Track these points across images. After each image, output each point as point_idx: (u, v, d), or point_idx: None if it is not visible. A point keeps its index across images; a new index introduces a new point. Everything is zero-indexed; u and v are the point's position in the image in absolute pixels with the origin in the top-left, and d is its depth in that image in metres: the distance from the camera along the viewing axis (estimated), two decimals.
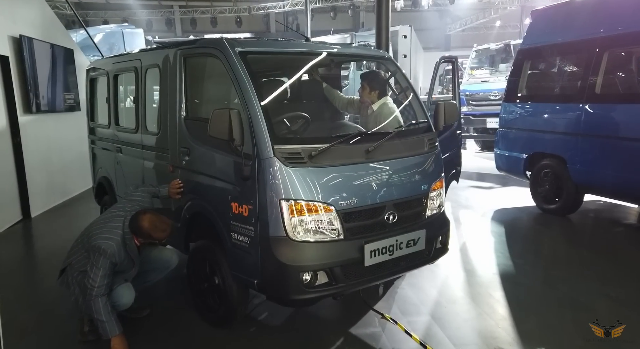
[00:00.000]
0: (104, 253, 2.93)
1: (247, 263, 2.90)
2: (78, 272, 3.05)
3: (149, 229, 3.03)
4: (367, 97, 3.93)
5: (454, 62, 4.19)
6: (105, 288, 2.93)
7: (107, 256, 2.94)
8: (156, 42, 9.60)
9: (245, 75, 2.85)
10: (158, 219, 3.08)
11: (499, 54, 12.62)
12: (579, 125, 5.53)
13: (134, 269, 3.21)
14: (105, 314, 2.89)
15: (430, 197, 3.36)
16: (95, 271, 2.91)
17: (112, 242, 2.98)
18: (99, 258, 2.93)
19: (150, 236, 3.05)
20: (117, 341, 2.93)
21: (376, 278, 3.03)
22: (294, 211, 2.73)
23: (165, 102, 3.58)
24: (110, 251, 2.95)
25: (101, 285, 2.91)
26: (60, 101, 7.49)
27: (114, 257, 2.97)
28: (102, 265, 2.92)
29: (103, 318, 2.88)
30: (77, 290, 3.06)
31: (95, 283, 2.90)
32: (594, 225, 5.98)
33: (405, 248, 3.10)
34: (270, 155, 2.72)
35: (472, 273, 4.34)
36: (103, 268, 2.92)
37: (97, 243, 2.96)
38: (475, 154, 12.71)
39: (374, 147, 3.05)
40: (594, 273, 4.31)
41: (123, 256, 3.04)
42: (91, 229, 3.12)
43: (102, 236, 3.00)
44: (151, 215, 3.10)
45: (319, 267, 2.77)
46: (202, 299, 3.39)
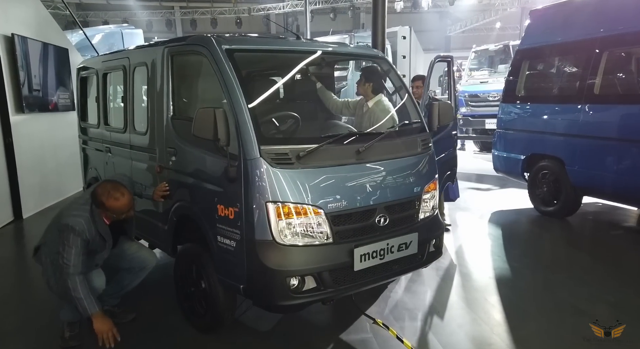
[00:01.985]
0: (73, 230, 2.84)
1: (233, 267, 2.82)
2: (53, 253, 2.95)
3: (102, 196, 2.90)
4: (363, 90, 3.88)
5: (449, 61, 4.11)
6: (80, 266, 2.84)
7: (77, 233, 2.84)
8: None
9: (231, 73, 2.76)
10: (113, 186, 2.97)
11: (498, 55, 12.56)
12: (577, 127, 5.45)
13: (106, 250, 3.10)
14: (82, 291, 2.80)
15: (423, 199, 3.27)
16: (67, 249, 2.82)
17: (80, 219, 2.89)
18: (69, 235, 2.84)
19: (104, 205, 2.91)
20: (98, 318, 2.82)
21: (366, 282, 2.94)
22: (281, 214, 2.64)
23: (153, 102, 3.51)
24: (79, 228, 2.85)
25: (76, 263, 2.82)
26: (54, 101, 7.42)
27: (84, 234, 2.87)
28: (73, 243, 2.83)
29: (81, 295, 2.79)
30: (49, 270, 2.99)
31: (70, 261, 2.81)
32: (592, 227, 5.89)
33: (397, 251, 3.02)
34: (257, 155, 2.64)
35: (467, 277, 4.25)
36: (75, 246, 2.83)
37: (66, 221, 2.87)
38: (474, 155, 12.62)
39: (365, 147, 2.97)
40: (592, 277, 4.23)
41: (93, 233, 2.94)
42: (64, 208, 3.07)
43: (72, 213, 2.93)
44: (107, 182, 3.04)
45: (306, 272, 2.68)
46: (189, 303, 3.31)
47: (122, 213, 3.00)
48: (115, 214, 2.98)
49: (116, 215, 3.00)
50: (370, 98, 3.92)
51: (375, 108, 3.86)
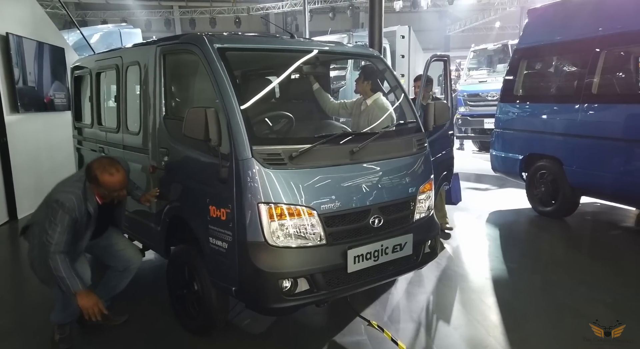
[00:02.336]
0: (62, 206, 2.75)
1: (225, 269, 2.78)
2: (41, 233, 2.84)
3: (97, 169, 2.81)
4: (362, 88, 3.87)
5: (446, 61, 4.07)
6: (64, 245, 2.74)
7: (66, 209, 2.75)
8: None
9: (223, 72, 2.73)
10: (109, 161, 2.89)
11: (496, 54, 12.52)
12: (575, 126, 5.42)
13: (89, 230, 3.00)
14: (65, 270, 2.70)
15: (418, 200, 3.24)
16: (53, 227, 2.73)
17: (71, 195, 2.80)
18: (57, 212, 2.75)
19: (98, 179, 2.81)
20: (82, 295, 2.72)
21: (360, 284, 2.90)
22: (273, 215, 2.61)
23: (145, 101, 3.47)
24: (69, 205, 2.76)
25: (60, 241, 2.73)
26: (50, 100, 7.37)
27: (73, 212, 2.77)
28: (60, 220, 2.74)
29: (63, 273, 2.70)
30: (35, 251, 2.90)
31: (53, 239, 2.71)
32: (590, 227, 5.85)
33: (391, 253, 2.98)
34: (249, 156, 2.60)
35: (464, 278, 4.21)
36: (61, 224, 2.73)
37: (56, 197, 2.78)
38: (473, 155, 12.58)
39: (359, 147, 2.93)
40: (590, 277, 4.19)
41: (83, 211, 2.84)
42: (57, 184, 2.97)
43: (64, 189, 2.85)
44: (104, 158, 2.98)
45: (299, 274, 2.65)
46: (181, 306, 3.27)
47: (115, 190, 2.89)
48: (108, 191, 2.87)
49: (108, 192, 2.89)
50: (368, 96, 3.92)
51: (374, 106, 3.85)
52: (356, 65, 10.71)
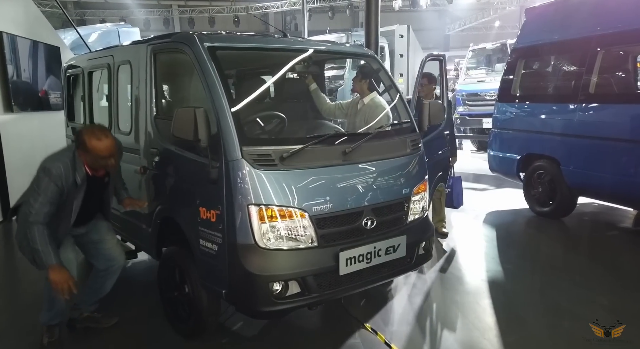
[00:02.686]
0: (49, 173, 2.65)
1: (215, 271, 2.74)
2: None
3: (86, 134, 2.71)
4: (359, 87, 3.87)
5: (442, 60, 4.03)
6: (44, 216, 2.66)
7: (52, 177, 2.65)
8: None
9: (213, 72, 2.68)
10: (100, 128, 2.81)
11: (495, 53, 12.49)
12: (572, 126, 5.38)
13: (75, 207, 2.84)
14: (40, 242, 2.62)
15: (412, 201, 3.20)
16: (35, 196, 2.65)
17: (59, 163, 2.70)
18: (42, 180, 2.66)
19: (86, 145, 2.69)
20: (55, 269, 2.63)
21: (353, 287, 2.87)
22: (263, 216, 2.57)
23: (136, 101, 3.43)
24: (56, 172, 2.66)
25: (40, 211, 2.64)
26: (45, 100, 7.32)
27: (59, 180, 2.67)
28: (44, 189, 2.65)
29: (38, 245, 2.62)
30: (22, 231, 2.81)
31: (34, 208, 2.63)
32: (588, 228, 5.82)
33: (384, 255, 2.95)
34: (238, 157, 2.56)
35: (459, 280, 4.17)
36: (44, 194, 2.65)
37: (44, 164, 2.70)
38: (472, 154, 12.54)
39: (352, 148, 2.89)
40: (586, 279, 4.15)
41: (70, 182, 2.73)
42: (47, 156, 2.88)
43: (52, 157, 2.76)
44: (95, 125, 2.94)
45: (290, 276, 2.61)
46: (172, 308, 3.23)
47: (103, 156, 2.76)
48: (96, 157, 2.75)
49: (96, 159, 2.77)
50: (365, 95, 3.89)
51: (371, 105, 3.82)
52: (354, 65, 10.68)
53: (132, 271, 4.45)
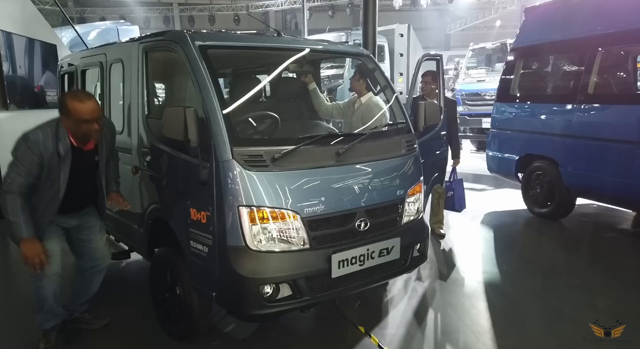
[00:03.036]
0: (26, 140, 2.53)
1: (205, 273, 2.70)
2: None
3: (68, 96, 2.58)
4: (357, 86, 3.86)
5: (438, 60, 3.99)
6: (19, 187, 2.56)
7: (29, 143, 2.52)
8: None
9: (204, 70, 2.64)
10: (83, 91, 2.76)
11: (495, 53, 12.43)
12: (571, 127, 5.33)
13: (59, 183, 2.65)
14: (13, 213, 2.53)
15: (407, 202, 3.15)
16: (12, 165, 2.55)
17: (39, 130, 2.58)
18: (20, 148, 2.54)
19: (67, 108, 2.56)
20: (27, 243, 2.55)
21: (345, 290, 2.82)
22: (254, 218, 2.53)
23: (128, 100, 3.39)
24: (34, 138, 2.53)
25: (15, 180, 2.54)
26: (41, 98, 7.29)
27: (36, 146, 2.53)
28: (21, 158, 2.54)
29: (11, 216, 2.53)
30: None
31: (9, 177, 2.54)
32: (586, 230, 5.77)
33: (378, 257, 2.90)
34: (229, 157, 2.52)
35: (456, 282, 4.13)
36: (21, 162, 2.54)
37: (25, 133, 2.59)
38: (471, 154, 12.49)
39: (345, 149, 2.85)
40: (583, 282, 4.11)
41: (51, 150, 2.58)
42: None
43: (35, 127, 2.63)
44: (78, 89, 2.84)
45: (281, 279, 2.57)
46: (164, 310, 3.19)
47: (86, 120, 2.58)
48: (78, 122, 2.57)
49: (79, 124, 2.59)
50: (363, 95, 3.85)
51: (369, 104, 3.78)
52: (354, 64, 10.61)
53: (126, 272, 4.41)
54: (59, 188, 2.71)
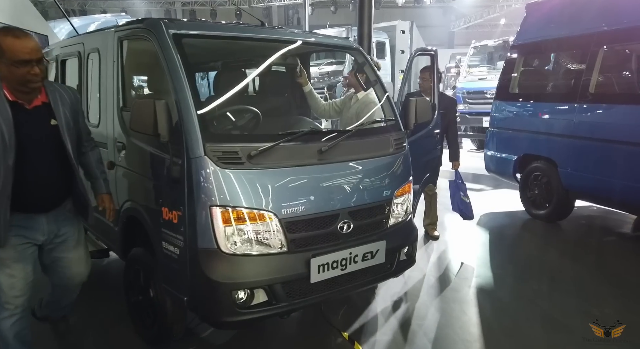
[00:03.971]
0: None
1: (177, 277, 2.55)
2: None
3: (1, 35, 2.07)
4: (354, 80, 3.75)
5: (433, 55, 3.82)
6: None
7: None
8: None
9: (177, 60, 2.48)
10: (18, 28, 2.19)
11: (497, 51, 12.22)
12: (570, 127, 5.16)
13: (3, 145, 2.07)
14: None
15: (394, 203, 3.00)
16: None
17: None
18: None
19: (1, 47, 2.06)
20: None
21: (326, 295, 2.67)
22: (227, 219, 2.37)
23: (104, 91, 3.23)
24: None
25: None
26: None
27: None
28: None
29: None
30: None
31: None
32: (584, 233, 5.60)
33: (361, 261, 2.75)
34: (201, 154, 2.36)
35: (447, 286, 3.97)
36: None
37: None
38: (470, 153, 12.30)
39: (328, 146, 2.69)
40: (581, 288, 3.95)
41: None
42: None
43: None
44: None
45: (255, 284, 2.42)
46: (137, 313, 3.04)
47: (23, 60, 2.07)
48: (13, 63, 2.06)
49: (14, 67, 2.07)
50: (360, 90, 3.71)
51: (365, 101, 3.63)
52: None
53: (106, 271, 4.27)
54: (5, 166, 2.09)
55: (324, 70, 13.97)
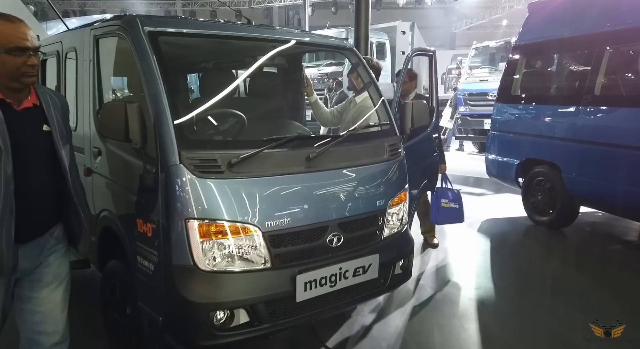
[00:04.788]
0: None
1: (152, 294, 2.37)
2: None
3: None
4: (356, 83, 3.62)
5: (431, 56, 3.63)
6: None
7: None
8: None
9: (152, 60, 2.30)
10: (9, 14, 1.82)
11: (499, 52, 12.02)
12: (575, 130, 4.96)
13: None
14: None
15: (388, 213, 2.80)
16: None
17: None
18: None
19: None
20: None
21: (314, 314, 2.48)
22: (204, 233, 2.18)
23: (81, 93, 3.04)
24: None
25: None
26: None
27: None
28: None
29: None
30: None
31: None
32: (589, 241, 5.39)
33: (352, 277, 2.56)
34: (176, 162, 2.17)
35: (445, 299, 3.77)
36: None
37: None
38: (472, 156, 12.10)
39: (317, 153, 2.50)
40: (586, 301, 3.74)
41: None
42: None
43: None
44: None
45: (235, 304, 2.23)
46: (113, 330, 2.85)
47: (21, 48, 1.73)
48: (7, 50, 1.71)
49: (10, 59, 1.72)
50: (359, 93, 3.58)
51: (363, 105, 3.46)
52: None
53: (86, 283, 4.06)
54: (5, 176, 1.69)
55: (323, 72, 13.80)
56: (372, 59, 4.03)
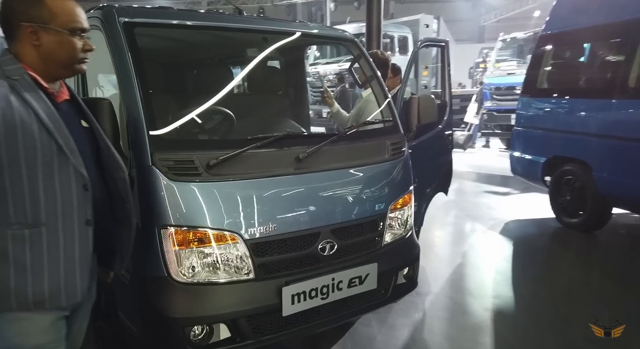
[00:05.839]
0: None
1: (129, 305, 2.21)
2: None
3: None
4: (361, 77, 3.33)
5: (444, 47, 3.35)
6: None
7: None
8: None
9: (127, 52, 2.13)
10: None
11: (527, 44, 11.50)
12: (607, 125, 4.57)
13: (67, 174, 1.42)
14: None
15: (389, 218, 2.56)
16: None
17: None
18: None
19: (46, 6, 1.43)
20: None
21: (304, 329, 2.28)
22: (178, 242, 2.01)
23: None
24: None
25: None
26: None
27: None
28: None
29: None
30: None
31: None
32: (623, 245, 4.99)
33: (347, 288, 2.34)
34: (148, 163, 2.00)
35: (459, 309, 3.49)
36: None
37: None
38: (500, 153, 11.62)
39: (307, 153, 2.29)
40: (615, 314, 3.38)
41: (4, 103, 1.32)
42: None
43: None
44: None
45: (215, 319, 2.05)
46: (101, 339, 2.71)
47: (79, 28, 1.50)
48: (68, 30, 1.45)
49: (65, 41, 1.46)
50: (365, 88, 3.32)
51: (369, 99, 3.23)
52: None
53: None
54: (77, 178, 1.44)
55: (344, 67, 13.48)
56: (380, 52, 3.77)
